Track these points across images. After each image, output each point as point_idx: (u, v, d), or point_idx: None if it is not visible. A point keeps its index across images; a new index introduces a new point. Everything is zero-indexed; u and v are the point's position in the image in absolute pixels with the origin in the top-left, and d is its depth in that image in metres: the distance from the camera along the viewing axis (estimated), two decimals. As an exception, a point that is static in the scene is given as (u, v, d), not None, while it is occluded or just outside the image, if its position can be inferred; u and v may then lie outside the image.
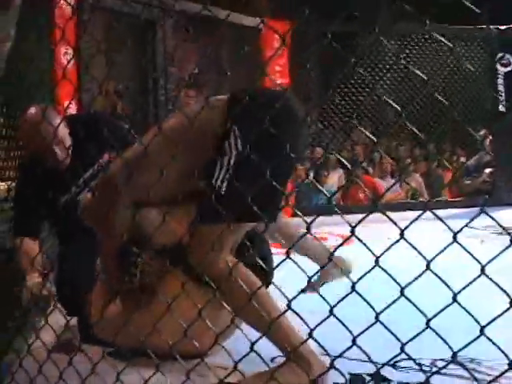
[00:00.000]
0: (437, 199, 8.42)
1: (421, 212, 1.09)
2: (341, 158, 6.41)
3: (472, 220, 1.07)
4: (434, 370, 2.19)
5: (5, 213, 2.45)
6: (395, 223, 1.10)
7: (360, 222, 1.16)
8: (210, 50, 6.74)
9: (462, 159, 9.23)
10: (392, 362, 1.21)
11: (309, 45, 7.26)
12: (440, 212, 1.09)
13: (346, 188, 8.12)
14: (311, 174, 7.57)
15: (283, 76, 7.02)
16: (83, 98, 5.30)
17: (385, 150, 9.02)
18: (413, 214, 1.08)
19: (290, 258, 1.23)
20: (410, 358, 1.13)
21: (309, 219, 1.26)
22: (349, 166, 8.52)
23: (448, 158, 9.33)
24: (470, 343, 1.06)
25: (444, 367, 1.15)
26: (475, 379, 1.22)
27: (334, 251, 1.26)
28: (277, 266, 1.36)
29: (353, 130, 8.97)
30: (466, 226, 1.08)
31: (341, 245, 1.21)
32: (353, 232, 1.12)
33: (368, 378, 2.18)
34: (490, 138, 8.44)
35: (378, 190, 8.02)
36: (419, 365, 2.20)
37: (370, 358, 1.15)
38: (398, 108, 1.11)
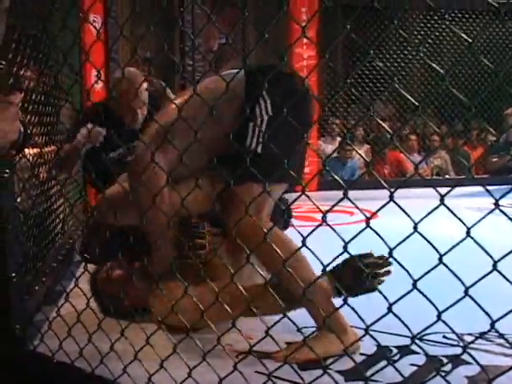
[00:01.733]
0: (463, 176, 8.32)
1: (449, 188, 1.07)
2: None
3: (503, 196, 1.04)
4: (462, 344, 2.19)
5: (37, 177, 2.46)
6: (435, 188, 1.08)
7: (398, 188, 1.14)
8: (236, 21, 6.71)
9: (490, 137, 9.10)
10: (419, 336, 1.21)
11: (337, 18, 7.18)
12: (466, 189, 1.06)
13: (372, 163, 8.05)
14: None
15: (310, 49, 6.94)
16: (111, 66, 5.31)
17: (411, 127, 8.92)
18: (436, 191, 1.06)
19: (328, 225, 1.21)
20: (451, 330, 1.11)
21: (334, 193, 1.24)
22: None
23: (476, 136, 9.20)
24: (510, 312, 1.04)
25: (479, 337, 1.13)
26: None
27: (367, 223, 1.22)
28: (311, 233, 1.33)
29: (379, 105, 8.89)
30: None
31: (376, 213, 1.20)
32: (391, 197, 1.11)
33: (395, 351, 2.17)
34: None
35: (403, 166, 7.96)
36: (456, 336, 2.19)
37: (406, 325, 1.14)
38: (442, 71, 1.08)
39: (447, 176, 8.34)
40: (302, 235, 1.28)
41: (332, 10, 7.17)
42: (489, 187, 1.03)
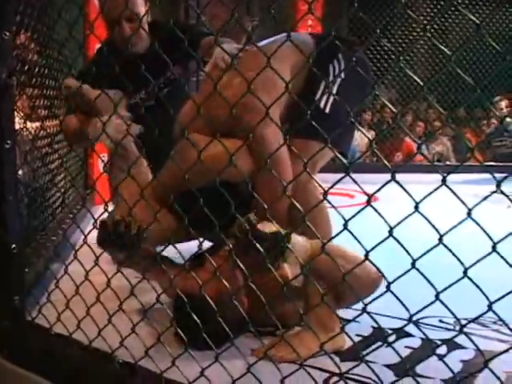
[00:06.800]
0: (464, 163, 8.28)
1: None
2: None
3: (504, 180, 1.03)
4: (458, 328, 2.19)
5: (37, 150, 2.45)
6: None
7: (398, 167, 1.14)
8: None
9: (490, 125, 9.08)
10: (415, 319, 1.20)
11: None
12: (469, 176, 1.05)
13: (374, 149, 8.05)
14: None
15: (315, 30, 6.88)
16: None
17: (414, 113, 8.90)
18: (436, 177, 1.06)
19: (328, 201, 1.20)
20: (449, 311, 1.12)
21: (335, 176, 1.23)
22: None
23: (478, 123, 9.18)
24: (507, 294, 1.04)
25: (476, 319, 1.13)
26: None
27: (368, 201, 1.21)
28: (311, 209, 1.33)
29: (382, 89, 8.85)
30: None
31: (377, 191, 1.19)
32: (393, 177, 1.10)
33: (390, 333, 2.17)
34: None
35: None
36: (455, 317, 2.19)
37: (404, 305, 1.14)
38: (448, 52, 1.07)
39: (448, 162, 8.34)
40: (303, 214, 1.28)
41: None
42: (496, 174, 1.01)
